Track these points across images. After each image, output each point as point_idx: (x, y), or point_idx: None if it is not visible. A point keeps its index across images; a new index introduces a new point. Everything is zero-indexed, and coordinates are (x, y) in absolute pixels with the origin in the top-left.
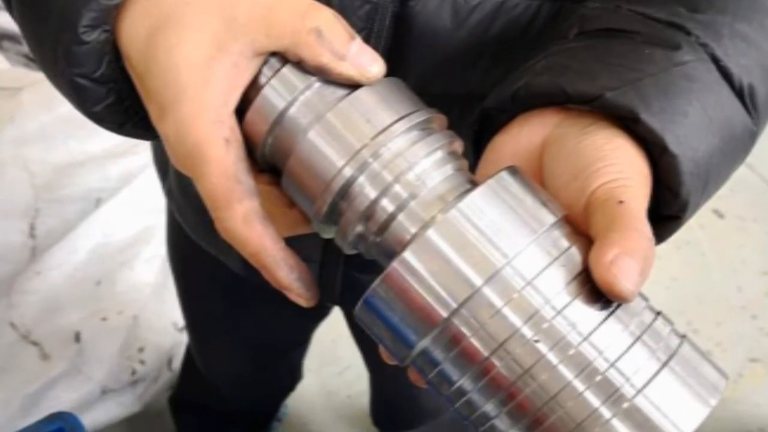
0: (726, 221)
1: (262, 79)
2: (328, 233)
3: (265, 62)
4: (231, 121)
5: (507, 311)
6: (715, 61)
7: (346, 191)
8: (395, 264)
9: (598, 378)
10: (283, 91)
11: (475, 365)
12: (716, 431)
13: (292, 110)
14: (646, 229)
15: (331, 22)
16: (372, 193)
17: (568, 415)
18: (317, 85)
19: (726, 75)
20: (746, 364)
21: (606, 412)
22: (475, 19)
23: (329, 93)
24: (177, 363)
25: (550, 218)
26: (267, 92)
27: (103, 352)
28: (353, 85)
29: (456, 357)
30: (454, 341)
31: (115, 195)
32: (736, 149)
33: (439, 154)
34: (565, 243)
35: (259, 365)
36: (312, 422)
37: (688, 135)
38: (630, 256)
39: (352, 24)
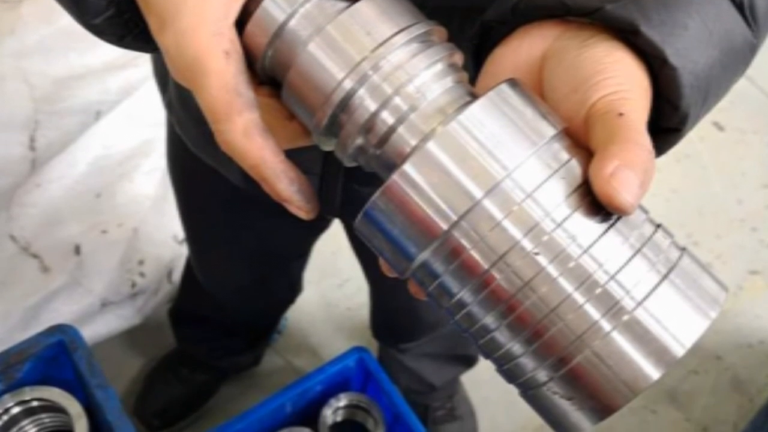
0: (726, 134)
1: None
2: (328, 146)
3: None
4: (231, 33)
5: (507, 224)
6: None
7: (346, 104)
8: (395, 176)
9: (598, 291)
10: (283, 4)
11: (475, 278)
12: (716, 343)
13: (292, 23)
14: (646, 141)
15: None
16: (372, 106)
17: (568, 327)
18: None
19: None
20: (746, 276)
21: (606, 325)
22: None
23: (329, 5)
24: (177, 275)
25: (550, 131)
26: (267, 4)
27: (103, 265)
28: None
29: (456, 269)
30: (454, 254)
31: (115, 108)
32: (736, 62)
33: (439, 66)
34: (565, 155)
35: (258, 277)
36: (312, 334)
37: (688, 48)
38: (630, 168)
39: None
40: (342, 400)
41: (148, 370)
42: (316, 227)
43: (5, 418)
